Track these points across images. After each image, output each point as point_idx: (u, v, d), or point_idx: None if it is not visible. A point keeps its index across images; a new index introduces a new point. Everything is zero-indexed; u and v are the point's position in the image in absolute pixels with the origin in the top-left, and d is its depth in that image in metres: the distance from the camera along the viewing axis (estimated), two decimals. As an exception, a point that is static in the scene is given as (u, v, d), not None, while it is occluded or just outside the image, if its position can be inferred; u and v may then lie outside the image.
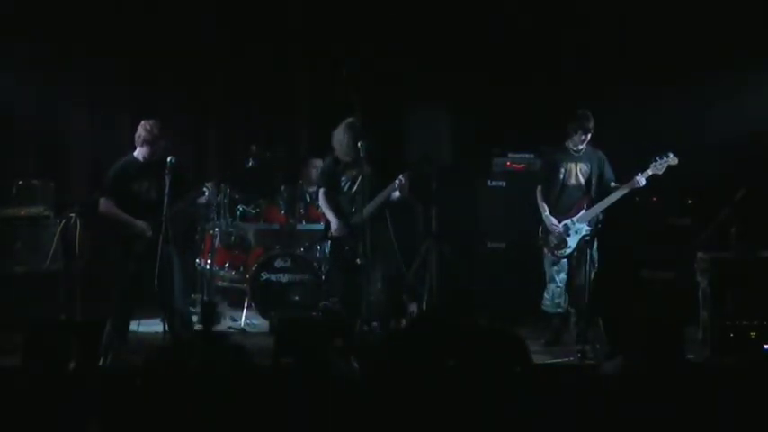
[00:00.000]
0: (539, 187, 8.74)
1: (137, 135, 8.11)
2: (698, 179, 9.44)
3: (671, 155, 8.30)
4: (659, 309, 8.74)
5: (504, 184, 9.97)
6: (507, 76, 10.35)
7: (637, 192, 8.51)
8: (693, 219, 9.22)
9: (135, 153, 8.15)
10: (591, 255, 8.43)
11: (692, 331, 8.09)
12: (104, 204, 8.11)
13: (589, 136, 8.54)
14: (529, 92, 10.21)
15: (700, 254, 8.26)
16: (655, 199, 9.39)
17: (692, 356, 7.78)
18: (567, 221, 8.56)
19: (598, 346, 7.72)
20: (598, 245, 8.49)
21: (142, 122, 8.16)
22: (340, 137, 8.38)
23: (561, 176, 8.64)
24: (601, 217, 8.50)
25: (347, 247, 8.37)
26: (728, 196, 8.36)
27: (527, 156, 9.91)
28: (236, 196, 9.93)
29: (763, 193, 8.76)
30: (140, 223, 8.02)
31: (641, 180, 8.34)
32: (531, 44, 10.33)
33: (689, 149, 9.45)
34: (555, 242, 8.60)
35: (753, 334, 7.94)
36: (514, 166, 9.96)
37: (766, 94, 9.66)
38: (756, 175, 8.99)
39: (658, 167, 8.31)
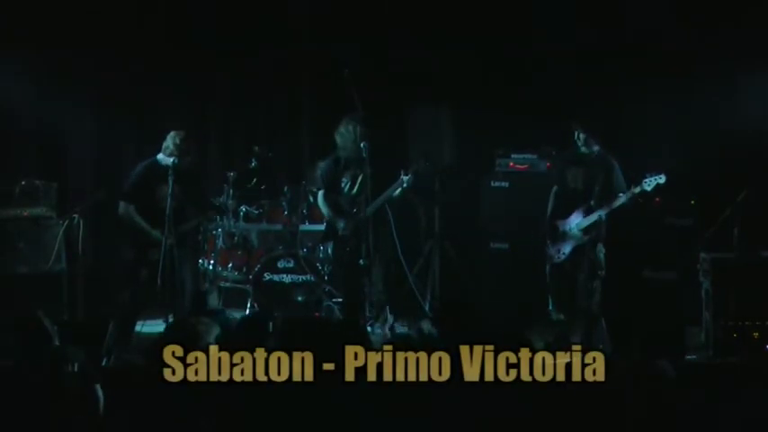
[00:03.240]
0: (554, 188, 8.66)
1: (164, 146, 8.06)
2: (700, 180, 9.44)
3: (662, 174, 8.21)
4: (661, 309, 8.74)
5: (507, 184, 9.93)
6: (509, 75, 10.34)
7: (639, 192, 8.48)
8: (696, 219, 9.22)
9: (159, 157, 8.12)
10: (597, 258, 8.37)
11: (694, 332, 8.10)
12: (123, 208, 8.08)
13: (586, 139, 8.45)
14: (532, 91, 10.19)
15: (702, 254, 8.25)
16: (657, 200, 9.39)
17: (694, 357, 7.81)
18: (565, 227, 8.51)
19: (602, 347, 7.70)
20: (604, 248, 8.42)
21: (171, 134, 8.10)
22: (343, 131, 8.36)
23: (564, 180, 8.59)
24: (603, 218, 8.44)
25: (349, 248, 8.36)
26: (731, 197, 8.34)
27: (530, 156, 9.88)
28: (239, 197, 9.94)
29: (766, 193, 8.74)
30: (156, 233, 7.99)
31: (633, 195, 8.27)
32: (533, 44, 10.32)
33: (690, 150, 9.48)
34: (551, 248, 8.56)
35: (755, 334, 7.94)
36: (517, 166, 9.93)
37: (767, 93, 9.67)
38: (759, 175, 8.98)
39: (648, 185, 8.22)
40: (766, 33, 9.55)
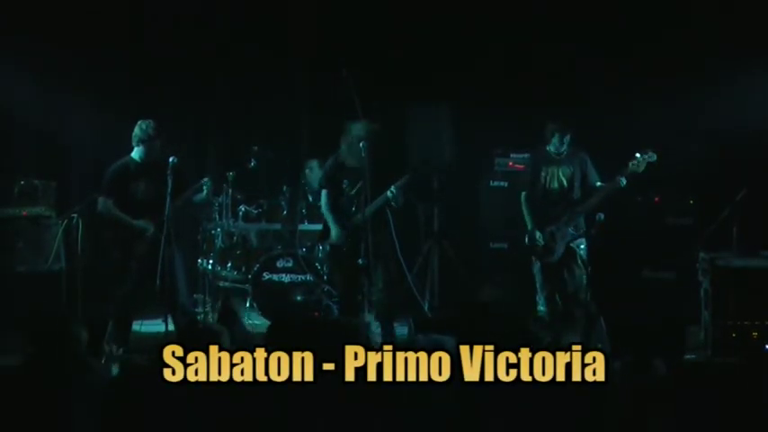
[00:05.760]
0: (523, 194, 8.64)
1: (133, 134, 8.13)
2: (699, 179, 9.45)
3: (650, 152, 8.19)
4: (660, 309, 8.74)
5: (506, 184, 9.96)
6: (509, 75, 10.34)
7: (639, 191, 8.47)
8: (695, 219, 9.22)
9: (132, 154, 8.16)
10: (581, 256, 8.35)
11: (693, 331, 8.11)
12: (102, 204, 8.12)
13: (567, 138, 8.43)
14: (531, 91, 10.19)
15: (701, 254, 8.26)
16: (657, 199, 9.40)
17: (693, 356, 7.81)
18: (552, 228, 8.46)
19: (600, 346, 7.71)
20: (592, 245, 8.40)
21: (138, 122, 8.17)
22: (352, 142, 8.24)
23: (543, 181, 8.53)
24: (602, 217, 8.42)
25: (347, 247, 8.34)
26: (730, 196, 8.35)
27: (529, 155, 9.88)
28: (239, 196, 9.95)
29: (765, 193, 8.75)
30: (140, 222, 8.03)
31: (622, 180, 8.24)
32: (532, 44, 10.32)
33: (690, 149, 9.48)
34: (540, 250, 8.52)
35: (754, 334, 7.95)
36: (516, 166, 9.95)
37: (767, 93, 9.67)
38: (757, 175, 8.99)
39: (638, 165, 8.20)
40: (766, 33, 9.56)
